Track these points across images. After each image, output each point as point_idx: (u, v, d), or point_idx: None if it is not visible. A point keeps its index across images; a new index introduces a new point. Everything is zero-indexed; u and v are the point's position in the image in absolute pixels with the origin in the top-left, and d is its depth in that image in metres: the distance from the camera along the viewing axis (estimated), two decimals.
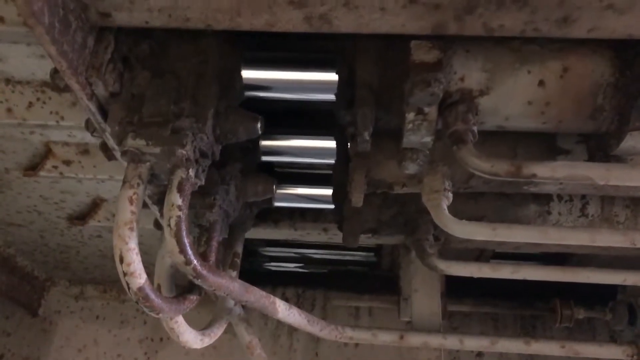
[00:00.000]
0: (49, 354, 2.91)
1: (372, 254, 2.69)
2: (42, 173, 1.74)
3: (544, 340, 1.84)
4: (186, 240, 1.13)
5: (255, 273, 3.03)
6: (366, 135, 1.26)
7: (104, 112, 1.22)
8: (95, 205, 2.04)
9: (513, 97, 1.19)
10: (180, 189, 1.13)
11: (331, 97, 1.38)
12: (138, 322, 2.92)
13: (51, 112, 1.44)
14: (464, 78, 1.18)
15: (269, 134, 1.57)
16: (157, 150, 1.14)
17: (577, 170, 1.18)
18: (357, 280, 2.97)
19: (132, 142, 1.14)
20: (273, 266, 3.12)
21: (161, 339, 2.87)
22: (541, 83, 1.17)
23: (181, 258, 1.13)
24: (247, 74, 1.31)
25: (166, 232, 1.12)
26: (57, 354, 2.91)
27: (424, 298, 1.97)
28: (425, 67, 1.11)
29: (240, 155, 1.50)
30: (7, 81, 1.40)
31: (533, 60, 1.17)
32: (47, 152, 1.69)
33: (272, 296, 1.43)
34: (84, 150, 1.68)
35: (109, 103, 1.21)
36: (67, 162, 1.72)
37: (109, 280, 2.94)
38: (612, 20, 1.01)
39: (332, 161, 1.75)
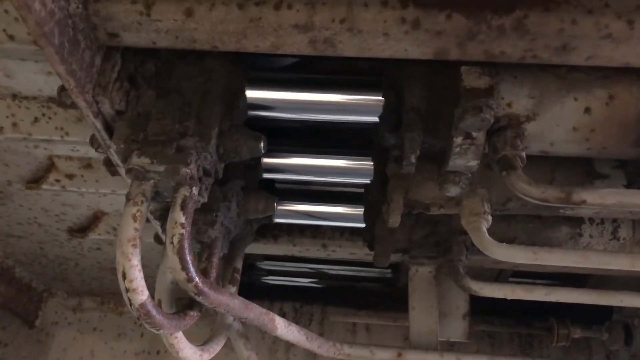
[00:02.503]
0: None
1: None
2: (44, 186, 1.75)
3: None
4: (188, 258, 1.14)
5: (252, 287, 3.02)
6: (412, 159, 1.28)
7: (109, 130, 1.24)
8: (96, 218, 2.05)
9: (559, 123, 1.21)
10: (183, 207, 1.15)
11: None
12: (135, 334, 2.91)
13: (56, 128, 1.46)
14: (512, 104, 1.19)
15: (270, 152, 1.60)
16: (162, 168, 1.15)
17: (627, 197, 1.19)
18: (356, 296, 2.98)
19: (136, 160, 1.15)
20: (271, 280, 3.12)
21: (158, 352, 2.87)
22: (587, 110, 1.19)
23: (183, 275, 1.14)
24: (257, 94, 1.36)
25: (169, 249, 1.14)
26: None
27: (421, 315, 1.97)
28: (477, 93, 1.13)
29: (242, 173, 1.52)
30: (14, 96, 1.42)
31: (579, 87, 1.18)
32: (50, 165, 1.71)
33: (271, 313, 1.44)
34: (87, 164, 1.69)
35: (115, 121, 1.23)
36: (70, 176, 1.73)
37: (107, 292, 2.94)
38: (610, 49, 1.04)
39: (334, 179, 1.77)
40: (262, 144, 1.26)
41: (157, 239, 1.75)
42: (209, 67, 1.25)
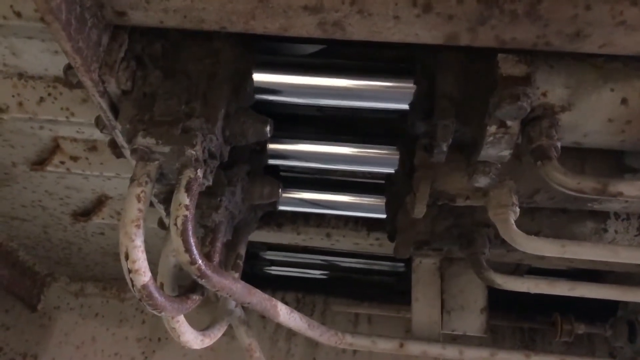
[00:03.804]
0: (47, 349, 2.90)
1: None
2: (49, 168, 1.74)
3: (544, 354, 1.84)
4: (192, 240, 1.13)
5: (255, 276, 3.02)
6: (444, 147, 1.26)
7: (115, 110, 1.23)
8: (100, 202, 2.05)
9: (594, 114, 1.18)
10: (188, 189, 1.14)
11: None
12: (137, 321, 2.91)
13: (62, 108, 1.45)
14: (547, 93, 1.17)
15: (276, 138, 1.59)
16: (167, 149, 1.14)
17: None
18: (357, 287, 2.97)
19: (142, 141, 1.15)
20: (274, 270, 3.11)
21: (159, 339, 2.87)
22: (624, 101, 1.16)
23: (186, 257, 1.13)
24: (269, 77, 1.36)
25: (172, 231, 1.13)
26: (55, 350, 2.90)
27: (424, 307, 1.97)
28: (514, 81, 1.11)
29: (248, 158, 1.51)
30: (20, 75, 1.41)
31: (616, 78, 1.16)
32: (55, 147, 1.70)
33: (274, 299, 1.44)
34: (92, 146, 1.69)
35: (121, 101, 1.22)
36: (75, 158, 1.72)
37: (110, 278, 2.94)
38: (624, 37, 1.02)
39: (340, 167, 1.75)
40: (268, 128, 1.25)
41: (161, 224, 1.74)
42: (217, 48, 1.24)
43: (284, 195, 1.81)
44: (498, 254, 1.80)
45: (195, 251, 1.14)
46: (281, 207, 1.85)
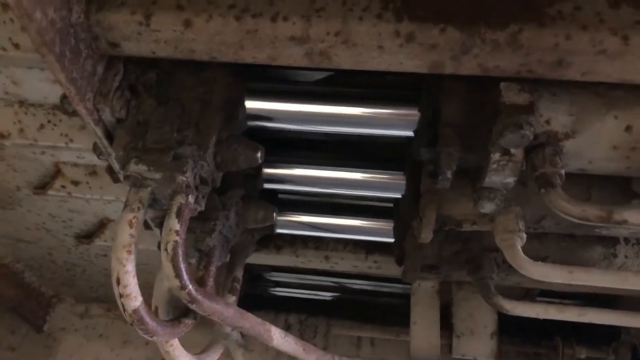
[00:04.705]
0: None
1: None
2: (51, 192, 1.78)
3: None
4: (182, 265, 1.15)
5: (259, 298, 3.03)
6: (448, 174, 1.27)
7: (110, 137, 1.26)
8: (102, 225, 2.08)
9: (598, 142, 1.19)
10: (178, 215, 1.16)
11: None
12: (140, 342, 2.92)
13: (61, 134, 1.49)
14: (550, 121, 1.18)
15: (272, 162, 1.61)
16: (158, 176, 1.17)
17: None
18: (363, 309, 2.96)
19: (134, 167, 1.17)
20: (278, 291, 3.12)
21: None
22: (628, 128, 1.17)
23: (177, 282, 1.15)
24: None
25: (163, 256, 1.15)
26: None
27: (422, 331, 1.97)
28: (517, 109, 1.11)
29: (243, 182, 1.53)
30: (21, 103, 1.45)
31: (619, 105, 1.17)
32: (57, 172, 1.74)
33: (267, 323, 1.44)
34: (92, 171, 1.72)
35: (115, 128, 1.25)
36: (76, 183, 1.76)
37: (114, 300, 2.93)
38: (606, 65, 1.03)
39: (343, 191, 1.76)
40: (259, 154, 1.27)
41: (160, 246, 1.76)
42: (209, 77, 1.27)
43: (283, 218, 1.83)
44: (507, 278, 1.79)
45: (185, 276, 1.15)
46: (280, 230, 1.86)
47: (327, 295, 3.08)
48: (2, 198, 1.95)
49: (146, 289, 1.28)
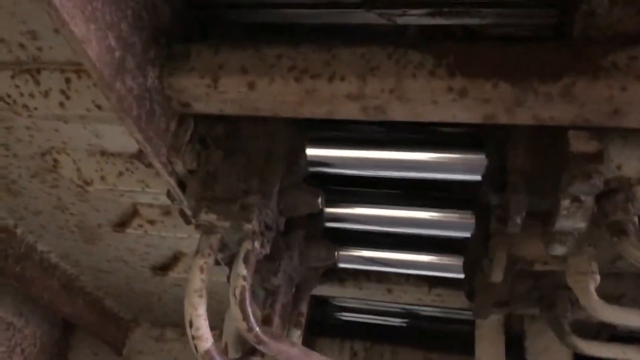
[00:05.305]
0: None
1: None
2: (129, 230, 1.92)
3: None
4: (249, 309, 1.22)
5: (325, 324, 3.05)
6: (518, 220, 1.27)
7: (182, 185, 1.36)
8: (176, 258, 2.20)
9: None
10: (246, 260, 1.24)
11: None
12: None
13: (138, 181, 1.61)
14: (622, 166, 1.16)
15: (334, 201, 1.67)
16: (227, 224, 1.25)
17: None
18: (431, 335, 2.93)
19: (205, 217, 1.26)
20: (345, 316, 3.14)
21: None
22: None
23: (244, 325, 1.22)
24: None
25: (232, 300, 1.23)
26: None
27: None
28: (585, 158, 1.11)
29: (305, 222, 1.59)
30: (102, 153, 1.58)
31: None
32: (134, 212, 1.87)
33: None
34: (167, 211, 1.84)
35: (187, 178, 1.34)
36: (151, 222, 1.88)
37: None
38: None
39: (401, 230, 1.78)
40: (319, 200, 1.33)
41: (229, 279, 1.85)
42: (272, 129, 1.35)
43: (345, 252, 1.88)
44: (580, 313, 1.74)
45: (252, 319, 1.22)
46: (343, 265, 1.91)
47: (394, 321, 3.07)
48: (86, 234, 2.11)
49: (216, 313, 1.36)
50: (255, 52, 1.17)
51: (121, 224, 1.93)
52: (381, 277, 2.04)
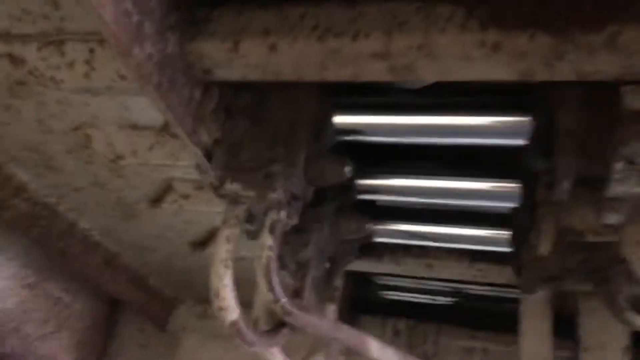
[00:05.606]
0: None
1: None
2: (164, 205, 1.92)
3: None
4: (275, 279, 1.19)
5: (369, 301, 3.02)
6: (566, 185, 1.22)
7: (209, 156, 1.33)
8: (212, 234, 2.20)
9: None
10: (272, 231, 1.21)
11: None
12: None
13: (168, 154, 1.60)
14: None
15: (368, 172, 1.61)
16: (252, 193, 1.22)
17: None
18: (475, 315, 2.86)
19: (229, 186, 1.24)
20: (390, 295, 3.09)
21: None
22: None
23: (270, 296, 1.20)
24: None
25: (257, 271, 1.20)
26: None
27: (533, 342, 1.87)
28: None
29: (337, 194, 1.55)
30: (133, 127, 1.58)
31: None
32: (168, 187, 1.87)
33: (363, 335, 1.45)
34: (199, 186, 1.83)
35: (213, 148, 1.32)
36: (186, 196, 1.88)
37: None
38: None
39: (451, 202, 1.71)
40: (346, 169, 1.28)
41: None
42: (298, 96, 1.30)
43: (382, 227, 1.83)
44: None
45: (278, 290, 1.20)
46: (379, 239, 1.86)
47: (440, 300, 3.01)
48: (125, 211, 2.13)
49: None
50: (278, 12, 1.13)
51: (157, 200, 1.94)
52: (421, 252, 1.98)
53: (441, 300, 2.95)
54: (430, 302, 2.98)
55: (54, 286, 2.79)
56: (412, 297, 3.02)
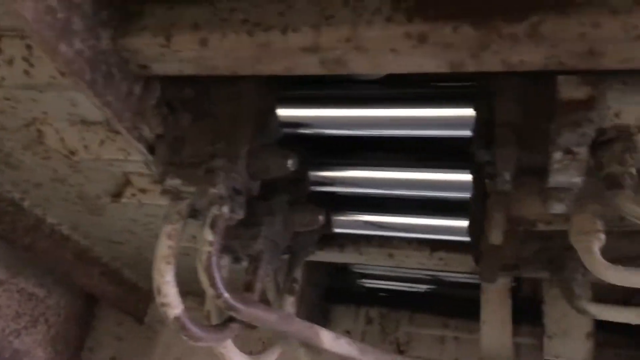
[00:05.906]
0: None
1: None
2: (123, 200, 1.91)
3: None
4: (216, 274, 1.19)
5: (346, 290, 3.03)
6: (507, 176, 1.21)
7: (153, 151, 1.33)
8: None
9: None
10: (212, 226, 1.20)
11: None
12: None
13: (119, 149, 1.59)
14: (620, 114, 1.07)
15: (320, 164, 1.61)
16: (192, 189, 1.22)
17: None
18: (449, 303, 2.88)
19: (170, 182, 1.24)
20: (367, 283, 3.10)
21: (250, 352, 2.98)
22: None
23: (212, 292, 1.20)
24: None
25: (198, 266, 1.20)
26: None
27: (493, 330, 1.88)
28: (575, 105, 1.03)
29: (288, 187, 1.54)
30: (83, 122, 1.57)
31: None
32: (127, 181, 1.86)
33: (315, 326, 1.45)
34: (155, 180, 1.81)
35: (156, 143, 1.31)
36: (143, 191, 1.87)
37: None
38: None
39: (394, 192, 1.72)
40: (289, 162, 1.27)
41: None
42: (240, 89, 1.30)
43: (341, 217, 1.83)
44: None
45: (220, 285, 1.20)
46: (339, 230, 1.86)
47: (416, 288, 3.02)
48: (89, 205, 2.13)
49: None
50: (209, 6, 1.12)
51: (117, 194, 1.93)
52: (382, 242, 1.98)
53: (418, 287, 2.97)
54: (407, 289, 3.00)
55: (26, 282, 2.78)
56: (388, 285, 3.04)
